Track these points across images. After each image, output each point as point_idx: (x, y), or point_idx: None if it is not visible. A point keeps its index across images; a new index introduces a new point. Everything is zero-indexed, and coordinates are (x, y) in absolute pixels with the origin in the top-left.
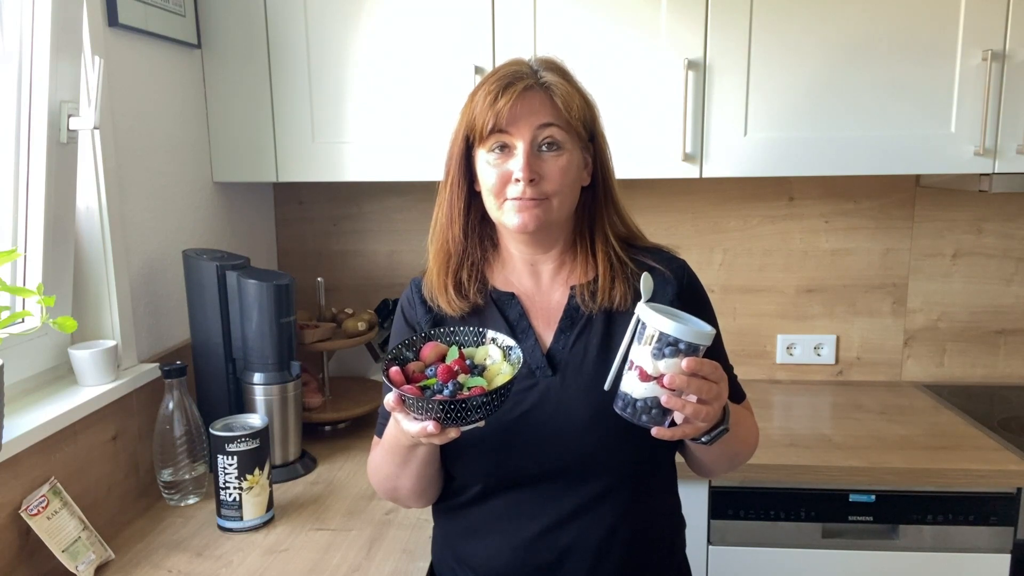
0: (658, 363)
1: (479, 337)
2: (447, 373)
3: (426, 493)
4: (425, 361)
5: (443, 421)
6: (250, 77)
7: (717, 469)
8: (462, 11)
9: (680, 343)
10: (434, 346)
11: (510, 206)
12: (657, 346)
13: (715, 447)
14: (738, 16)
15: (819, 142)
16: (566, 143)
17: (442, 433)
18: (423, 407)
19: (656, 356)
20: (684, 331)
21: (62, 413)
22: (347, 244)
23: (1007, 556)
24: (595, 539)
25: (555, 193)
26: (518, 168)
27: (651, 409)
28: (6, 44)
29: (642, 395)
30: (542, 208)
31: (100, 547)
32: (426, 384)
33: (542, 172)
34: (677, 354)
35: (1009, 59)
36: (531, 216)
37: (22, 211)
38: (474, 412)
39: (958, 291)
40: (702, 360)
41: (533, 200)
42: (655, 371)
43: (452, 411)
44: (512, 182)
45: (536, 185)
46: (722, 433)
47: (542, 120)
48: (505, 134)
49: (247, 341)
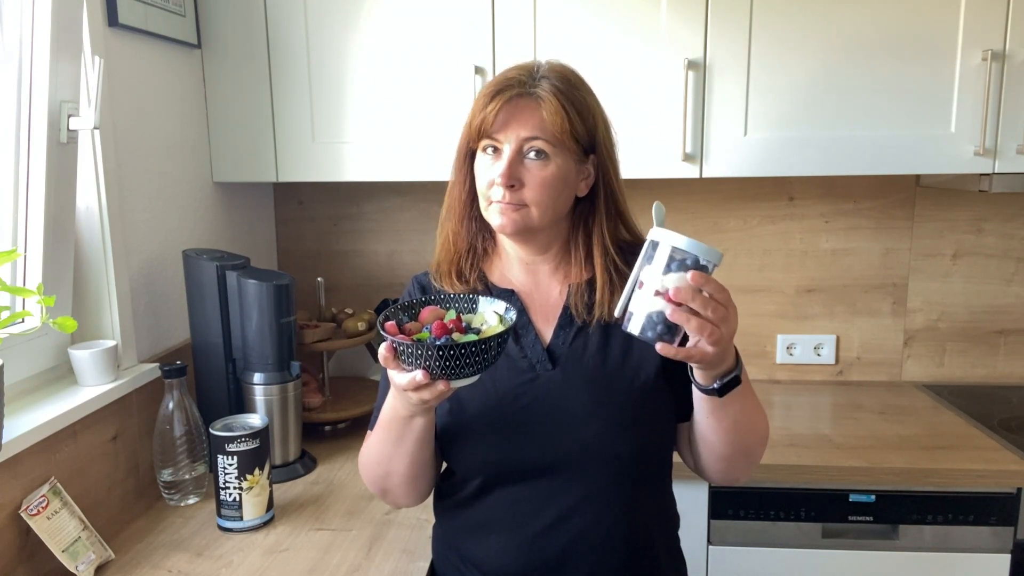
0: (665, 278)
1: (473, 304)
2: (441, 329)
3: (417, 481)
4: (423, 322)
5: (434, 372)
6: (250, 77)
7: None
8: (462, 11)
9: (687, 258)
10: (433, 310)
11: (493, 208)
12: (665, 263)
13: (727, 419)
14: (738, 16)
15: (819, 142)
16: (553, 154)
17: (432, 386)
18: (414, 354)
19: (664, 272)
20: (693, 245)
21: (62, 413)
22: (347, 244)
23: (1007, 556)
24: (598, 534)
25: (534, 202)
26: (497, 173)
27: (656, 325)
28: (6, 44)
29: (648, 310)
30: (520, 214)
31: (100, 547)
32: (420, 337)
33: (523, 179)
34: (684, 269)
35: (1009, 59)
36: (509, 220)
37: (22, 211)
38: (465, 362)
39: (958, 291)
40: (708, 276)
41: (511, 205)
42: (662, 286)
43: (442, 359)
44: (494, 184)
45: (516, 191)
46: (734, 382)
47: (528, 131)
48: (494, 139)
49: (247, 341)
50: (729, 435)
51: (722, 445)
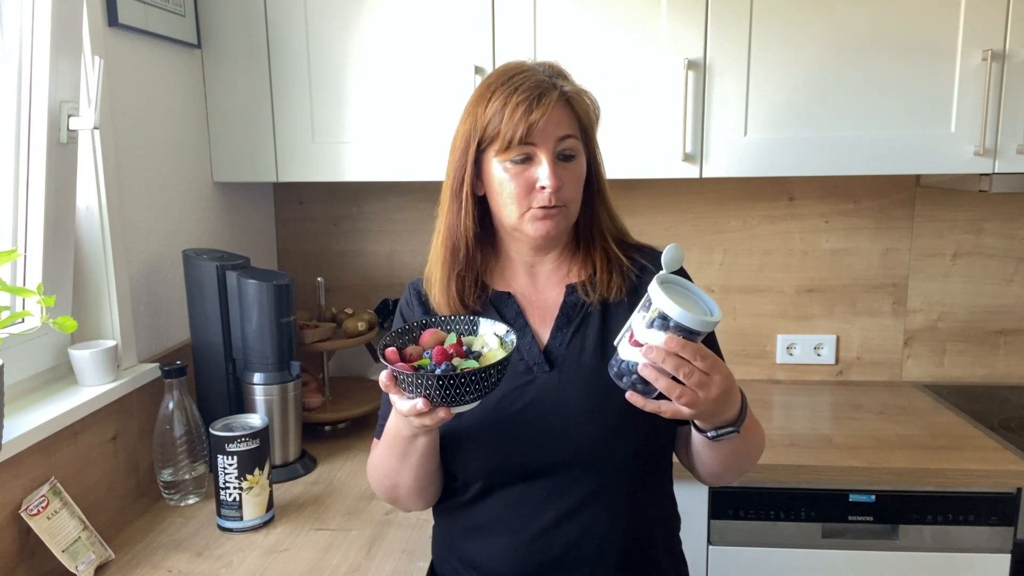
0: (646, 333)
1: (473, 326)
2: (441, 355)
3: (425, 491)
4: (424, 346)
5: (434, 400)
6: (250, 77)
7: (725, 475)
8: (462, 11)
9: (671, 321)
10: (433, 332)
11: (533, 215)
12: (651, 317)
13: (722, 451)
14: (738, 16)
15: (819, 142)
16: (578, 151)
17: (432, 412)
18: (414, 383)
19: (647, 326)
20: (677, 312)
21: (62, 413)
22: (347, 244)
23: (1007, 556)
24: (597, 535)
25: (570, 200)
26: (545, 177)
27: (632, 373)
28: (6, 44)
29: (626, 358)
30: (562, 215)
31: (100, 547)
32: (420, 364)
33: (563, 179)
34: (664, 330)
35: (1009, 59)
36: (554, 224)
37: (22, 211)
38: (465, 390)
39: (958, 291)
40: (685, 342)
41: (556, 208)
42: (642, 339)
43: (442, 388)
44: (537, 190)
45: (558, 193)
46: (730, 435)
47: (564, 131)
48: (531, 145)
49: (247, 341)
50: (724, 461)
51: (716, 466)
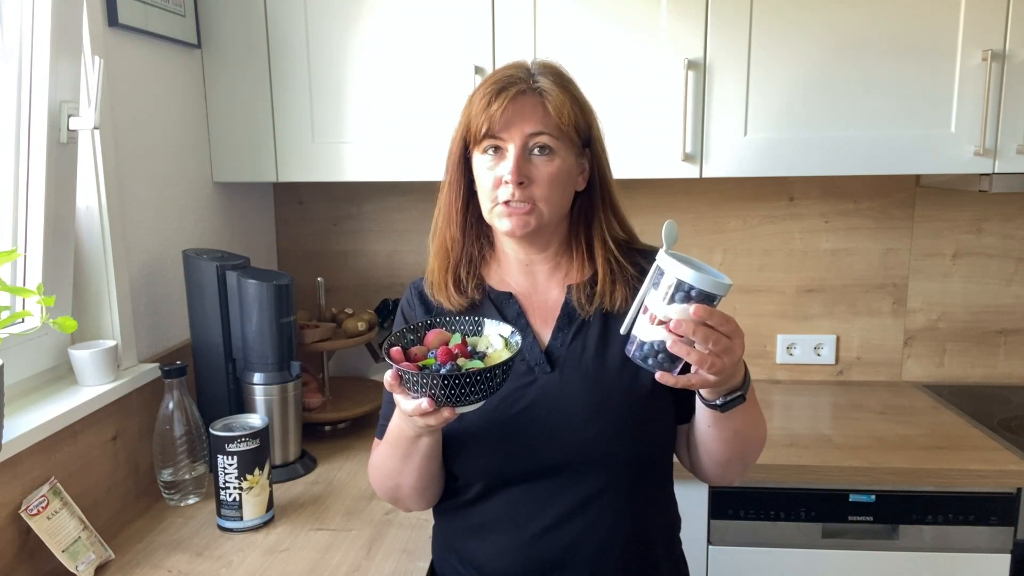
0: (667, 308)
1: (477, 327)
2: (446, 355)
3: (427, 492)
4: (428, 346)
5: (439, 399)
6: (250, 77)
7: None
8: (462, 11)
9: (692, 290)
10: (438, 332)
11: (500, 210)
12: (670, 292)
13: (728, 429)
14: (738, 16)
15: (819, 142)
16: (558, 149)
17: (436, 412)
18: (419, 383)
19: (666, 302)
20: (697, 278)
21: (62, 413)
22: (347, 244)
23: (1007, 556)
24: (597, 535)
25: (543, 198)
26: (507, 171)
27: (657, 353)
28: (6, 44)
29: (650, 338)
30: (532, 215)
31: (100, 547)
32: (425, 364)
33: (531, 176)
34: (688, 300)
35: (1009, 59)
36: (520, 222)
37: (22, 211)
38: (469, 390)
39: (958, 291)
40: (712, 309)
41: (522, 205)
42: (664, 315)
43: (447, 388)
44: (502, 184)
45: (525, 188)
46: (738, 400)
47: (533, 126)
48: (498, 138)
49: (247, 341)
50: (729, 444)
51: (721, 453)
